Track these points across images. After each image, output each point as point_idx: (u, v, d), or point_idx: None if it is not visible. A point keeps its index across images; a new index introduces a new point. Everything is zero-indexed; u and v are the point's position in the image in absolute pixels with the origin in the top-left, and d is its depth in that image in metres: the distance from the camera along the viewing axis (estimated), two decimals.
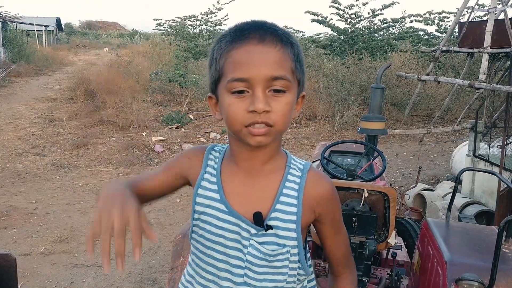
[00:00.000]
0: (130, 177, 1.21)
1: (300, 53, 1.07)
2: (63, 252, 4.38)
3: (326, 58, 14.51)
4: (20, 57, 19.33)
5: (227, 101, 1.02)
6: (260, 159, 1.12)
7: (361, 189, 2.69)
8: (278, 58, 1.00)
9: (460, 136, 9.67)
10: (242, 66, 0.98)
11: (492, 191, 5.12)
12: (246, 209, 1.10)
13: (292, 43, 1.04)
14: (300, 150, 8.61)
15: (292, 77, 1.03)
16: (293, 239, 1.10)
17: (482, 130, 5.72)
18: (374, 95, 3.92)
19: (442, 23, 16.00)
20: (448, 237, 2.59)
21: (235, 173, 1.15)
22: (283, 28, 1.06)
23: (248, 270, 1.10)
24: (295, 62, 1.04)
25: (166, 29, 18.41)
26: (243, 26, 1.03)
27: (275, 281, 1.12)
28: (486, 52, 5.32)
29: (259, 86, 0.98)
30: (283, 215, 1.10)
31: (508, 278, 2.16)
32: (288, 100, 1.02)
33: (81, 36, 48.94)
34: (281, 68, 1.00)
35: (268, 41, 1.00)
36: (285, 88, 1.01)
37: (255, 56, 0.99)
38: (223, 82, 1.02)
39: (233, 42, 1.01)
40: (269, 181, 1.12)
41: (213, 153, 1.20)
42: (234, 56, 1.00)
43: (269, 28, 1.02)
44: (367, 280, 2.73)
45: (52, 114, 10.47)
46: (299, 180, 1.13)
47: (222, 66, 1.02)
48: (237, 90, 0.99)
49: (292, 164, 1.16)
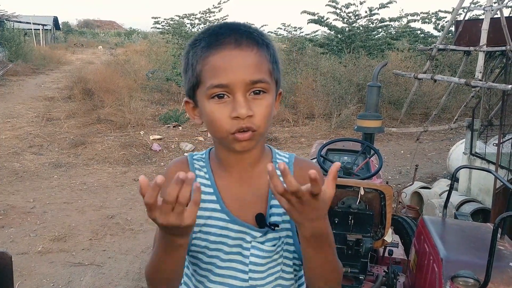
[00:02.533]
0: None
1: (276, 52, 1.08)
2: (60, 251, 4.38)
3: (323, 57, 14.52)
4: (18, 56, 19.26)
5: (208, 107, 1.01)
6: (248, 161, 1.12)
7: (358, 187, 2.70)
8: (256, 62, 1.00)
9: (457, 134, 9.69)
10: (221, 72, 0.98)
11: (488, 189, 5.13)
12: (246, 214, 1.11)
13: (267, 44, 1.04)
14: (298, 148, 8.62)
15: (270, 79, 1.03)
16: (287, 229, 1.12)
17: (479, 128, 5.73)
18: (371, 93, 3.94)
19: (439, 22, 16.03)
20: (444, 234, 2.61)
21: (228, 179, 1.14)
22: (257, 29, 1.06)
23: (252, 273, 1.11)
24: (272, 63, 1.05)
25: (164, 28, 18.38)
26: (218, 30, 1.02)
27: (275, 273, 1.13)
28: (482, 50, 5.34)
29: (239, 91, 0.98)
30: (279, 210, 1.11)
31: (503, 275, 2.17)
32: (269, 101, 1.03)
33: (78, 35, 48.79)
34: (260, 71, 1.00)
35: (245, 45, 1.00)
36: (265, 89, 1.02)
37: (233, 61, 0.98)
38: (202, 89, 1.02)
39: (209, 47, 1.00)
40: (261, 181, 1.13)
41: (195, 162, 1.19)
42: (211, 62, 1.00)
43: (244, 31, 1.02)
44: (363, 277, 2.74)
45: (50, 113, 10.46)
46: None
47: (200, 72, 1.02)
48: (217, 94, 1.00)
49: (278, 159, 1.17)
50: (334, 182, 0.88)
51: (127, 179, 6.65)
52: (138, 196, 5.95)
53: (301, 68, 12.88)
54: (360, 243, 2.64)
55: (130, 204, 5.66)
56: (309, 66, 12.92)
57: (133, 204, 5.66)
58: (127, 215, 5.29)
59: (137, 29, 46.00)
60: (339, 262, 1.09)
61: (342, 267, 1.11)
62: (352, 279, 2.77)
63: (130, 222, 5.10)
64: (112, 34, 51.57)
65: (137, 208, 5.50)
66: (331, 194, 0.88)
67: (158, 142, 8.40)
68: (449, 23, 7.05)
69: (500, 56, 5.93)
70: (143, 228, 4.94)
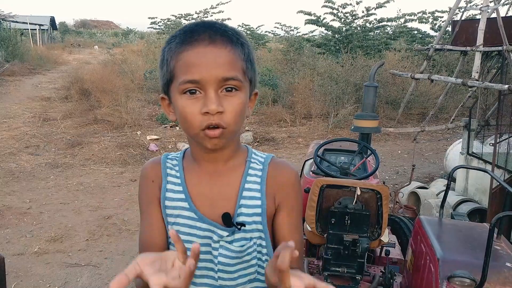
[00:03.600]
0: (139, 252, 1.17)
1: (251, 52, 1.08)
2: (57, 252, 4.37)
3: (320, 57, 14.52)
4: (14, 56, 19.20)
5: (180, 102, 1.02)
6: (221, 159, 1.13)
7: (354, 187, 2.70)
8: (229, 59, 1.01)
9: (454, 134, 9.70)
10: (193, 68, 0.99)
11: (485, 189, 5.14)
12: (214, 212, 1.11)
13: (242, 43, 1.05)
14: (295, 148, 8.62)
15: (243, 77, 1.03)
16: (259, 231, 1.11)
17: (476, 128, 5.75)
18: (368, 93, 3.94)
19: (436, 22, 16.06)
20: (440, 234, 2.61)
21: (198, 175, 1.15)
22: (233, 28, 1.06)
23: (222, 272, 1.11)
24: (246, 62, 1.05)
25: (161, 28, 18.38)
26: (193, 28, 1.03)
27: (248, 275, 1.13)
28: (479, 50, 5.35)
29: (211, 87, 0.99)
30: (248, 210, 1.11)
31: (499, 275, 2.17)
32: (241, 99, 1.03)
33: (75, 35, 48.71)
34: (232, 68, 1.01)
35: (219, 42, 1.00)
36: (237, 87, 1.02)
37: (206, 57, 0.99)
38: (175, 84, 1.03)
39: (183, 43, 1.01)
40: (231, 179, 1.13)
41: (169, 161, 1.19)
42: (184, 58, 1.00)
43: (219, 29, 1.03)
44: (360, 278, 2.74)
45: (46, 113, 10.43)
46: (260, 173, 1.14)
47: (173, 67, 1.02)
48: (189, 89, 1.00)
49: (253, 159, 1.16)
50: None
51: (124, 179, 6.63)
52: (135, 196, 5.93)
53: (299, 68, 12.88)
54: (356, 243, 2.64)
55: (127, 204, 5.65)
56: (306, 66, 12.93)
57: (130, 204, 5.65)
58: (124, 216, 5.28)
59: (134, 29, 45.87)
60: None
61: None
62: (349, 279, 2.77)
63: (127, 222, 5.09)
64: (109, 34, 51.45)
65: (134, 209, 5.49)
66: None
67: (155, 142, 8.39)
68: (446, 23, 7.06)
69: (496, 56, 5.94)
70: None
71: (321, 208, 2.75)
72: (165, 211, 1.15)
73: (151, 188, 1.19)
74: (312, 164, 3.57)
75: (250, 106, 1.11)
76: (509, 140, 5.03)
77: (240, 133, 1.15)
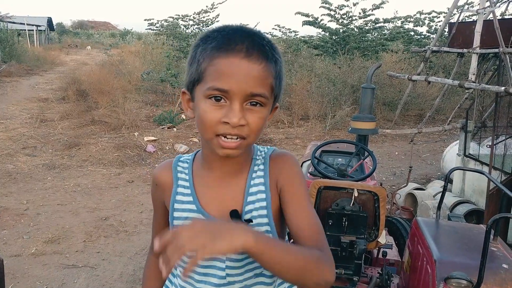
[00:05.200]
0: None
1: (282, 69, 1.08)
2: (54, 253, 4.36)
3: (318, 58, 14.54)
4: (11, 57, 19.17)
5: (203, 106, 1.02)
6: (232, 165, 1.15)
7: (351, 188, 2.71)
8: (260, 76, 1.00)
9: (451, 136, 9.73)
10: (224, 77, 0.99)
11: (482, 190, 5.16)
12: (222, 211, 1.13)
13: (276, 60, 1.05)
14: (292, 149, 8.63)
15: (270, 94, 1.04)
16: (265, 224, 1.13)
17: (472, 130, 5.77)
18: (365, 95, 3.95)
19: (432, 24, 16.10)
20: (437, 236, 2.61)
21: (207, 178, 1.17)
22: (270, 41, 1.05)
23: (230, 269, 1.13)
24: (276, 79, 1.05)
25: (158, 29, 18.35)
26: (231, 34, 1.02)
27: (254, 269, 1.14)
28: (475, 52, 5.37)
29: (237, 100, 1.00)
30: (255, 205, 1.12)
31: (496, 276, 2.18)
32: (263, 114, 1.04)
33: (72, 36, 48.62)
34: (262, 85, 1.01)
35: (255, 56, 1.00)
36: (262, 103, 1.03)
37: (239, 69, 0.99)
38: (202, 86, 1.03)
39: (219, 49, 1.00)
40: (239, 180, 1.15)
41: (180, 164, 1.22)
42: (218, 64, 1.00)
43: (257, 42, 1.02)
44: (357, 279, 2.75)
45: (44, 114, 10.41)
46: (263, 167, 1.16)
47: (204, 70, 1.02)
48: (215, 96, 1.00)
49: (257, 156, 1.18)
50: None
51: (121, 180, 6.63)
52: (132, 197, 5.94)
53: (296, 70, 12.89)
54: (354, 245, 2.65)
55: (124, 206, 5.64)
56: (303, 68, 12.94)
57: (127, 205, 5.64)
58: (121, 217, 5.27)
59: (132, 30, 45.84)
60: (310, 254, 0.99)
61: (318, 256, 1.00)
62: (346, 280, 2.77)
63: (124, 224, 5.09)
64: (106, 35, 51.40)
65: (131, 210, 5.48)
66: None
67: (152, 144, 8.39)
68: (443, 25, 7.08)
69: (493, 58, 5.97)
70: (137, 230, 4.92)
71: (319, 209, 2.76)
72: (172, 214, 1.18)
73: (155, 192, 1.25)
74: (309, 165, 3.58)
75: (269, 118, 1.12)
76: (506, 141, 5.06)
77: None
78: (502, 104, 5.14)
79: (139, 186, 6.40)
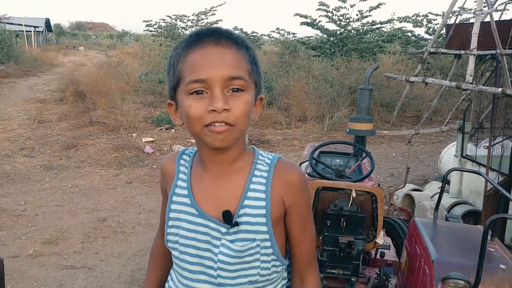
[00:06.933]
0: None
1: (256, 56, 1.10)
2: (52, 254, 4.35)
3: (316, 59, 14.56)
4: (9, 58, 19.15)
5: (186, 103, 1.03)
6: (227, 161, 1.14)
7: (349, 189, 2.72)
8: (234, 59, 1.03)
9: (448, 137, 9.75)
10: (200, 68, 1.01)
11: (479, 191, 5.18)
12: (216, 209, 1.13)
13: (247, 46, 1.08)
14: (290, 151, 8.64)
15: (249, 78, 1.06)
16: (263, 232, 1.12)
17: (470, 131, 5.78)
18: (362, 96, 3.95)
19: (430, 25, 16.14)
20: (435, 236, 2.62)
21: (204, 176, 1.17)
22: (237, 33, 1.10)
23: (221, 270, 1.12)
24: (251, 63, 1.08)
25: (156, 30, 18.36)
26: (199, 32, 1.07)
27: (248, 276, 1.14)
28: (472, 53, 5.39)
29: (217, 86, 1.01)
30: (252, 210, 1.12)
31: (493, 277, 2.19)
32: (247, 99, 1.05)
33: (70, 37, 48.62)
34: (238, 68, 1.03)
35: (224, 43, 1.04)
36: (243, 88, 1.04)
37: (211, 57, 1.02)
38: (181, 86, 1.05)
39: (189, 46, 1.04)
40: (237, 180, 1.15)
41: (184, 157, 1.23)
42: (191, 59, 1.03)
43: (224, 32, 1.06)
44: (355, 279, 2.75)
45: (42, 115, 10.40)
46: (266, 174, 1.15)
47: (180, 70, 1.05)
48: (196, 90, 1.02)
49: (260, 160, 1.17)
50: None
51: (119, 181, 6.62)
52: (130, 198, 5.93)
53: (294, 71, 12.91)
54: (352, 245, 2.65)
55: (122, 206, 5.64)
56: (301, 69, 12.96)
57: (125, 206, 5.64)
58: (119, 218, 5.27)
59: (130, 31, 45.82)
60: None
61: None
62: (344, 281, 2.78)
63: (122, 224, 5.09)
64: (104, 36, 51.39)
65: (129, 211, 5.48)
66: None
67: (150, 145, 8.38)
68: (440, 26, 7.10)
69: (490, 60, 5.98)
70: (135, 231, 4.92)
71: (317, 210, 2.77)
72: (170, 205, 1.19)
73: (162, 180, 1.28)
74: (307, 166, 3.58)
75: (256, 111, 1.13)
76: (503, 142, 5.07)
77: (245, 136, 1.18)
78: (499, 106, 5.16)
79: (137, 187, 6.40)
